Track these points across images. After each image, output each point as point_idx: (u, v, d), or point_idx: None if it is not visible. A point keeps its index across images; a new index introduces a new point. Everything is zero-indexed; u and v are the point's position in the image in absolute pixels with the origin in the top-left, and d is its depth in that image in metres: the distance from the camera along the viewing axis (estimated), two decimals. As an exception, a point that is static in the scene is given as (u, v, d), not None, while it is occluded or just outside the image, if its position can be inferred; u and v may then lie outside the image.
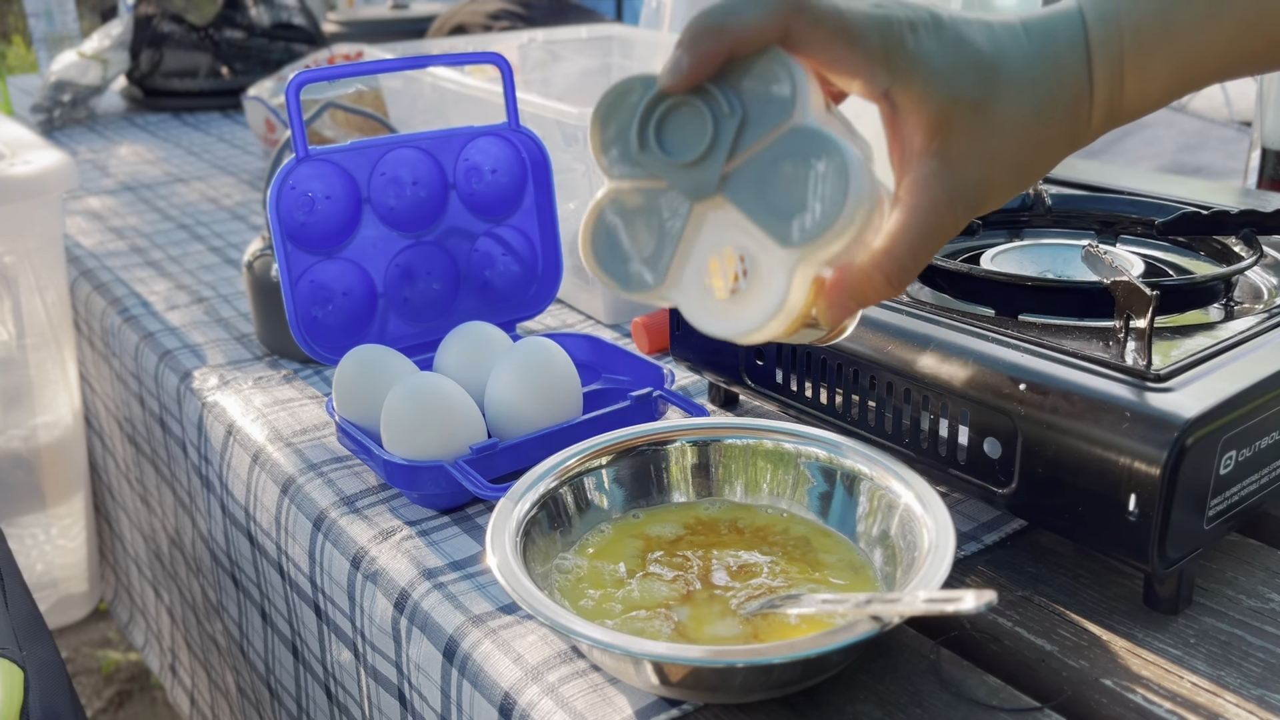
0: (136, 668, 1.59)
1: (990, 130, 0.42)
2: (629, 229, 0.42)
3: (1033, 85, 0.42)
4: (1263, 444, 0.50)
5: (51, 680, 0.63)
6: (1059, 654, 0.48)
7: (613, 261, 0.42)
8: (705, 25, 0.39)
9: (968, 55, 0.41)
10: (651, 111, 0.40)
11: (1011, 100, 0.42)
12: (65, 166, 1.10)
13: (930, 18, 0.41)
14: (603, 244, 0.42)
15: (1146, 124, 1.50)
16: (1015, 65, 0.42)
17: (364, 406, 0.65)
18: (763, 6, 0.39)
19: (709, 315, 0.42)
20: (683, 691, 0.46)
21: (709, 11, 0.39)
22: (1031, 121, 0.42)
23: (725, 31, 0.39)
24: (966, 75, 0.41)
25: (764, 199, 0.40)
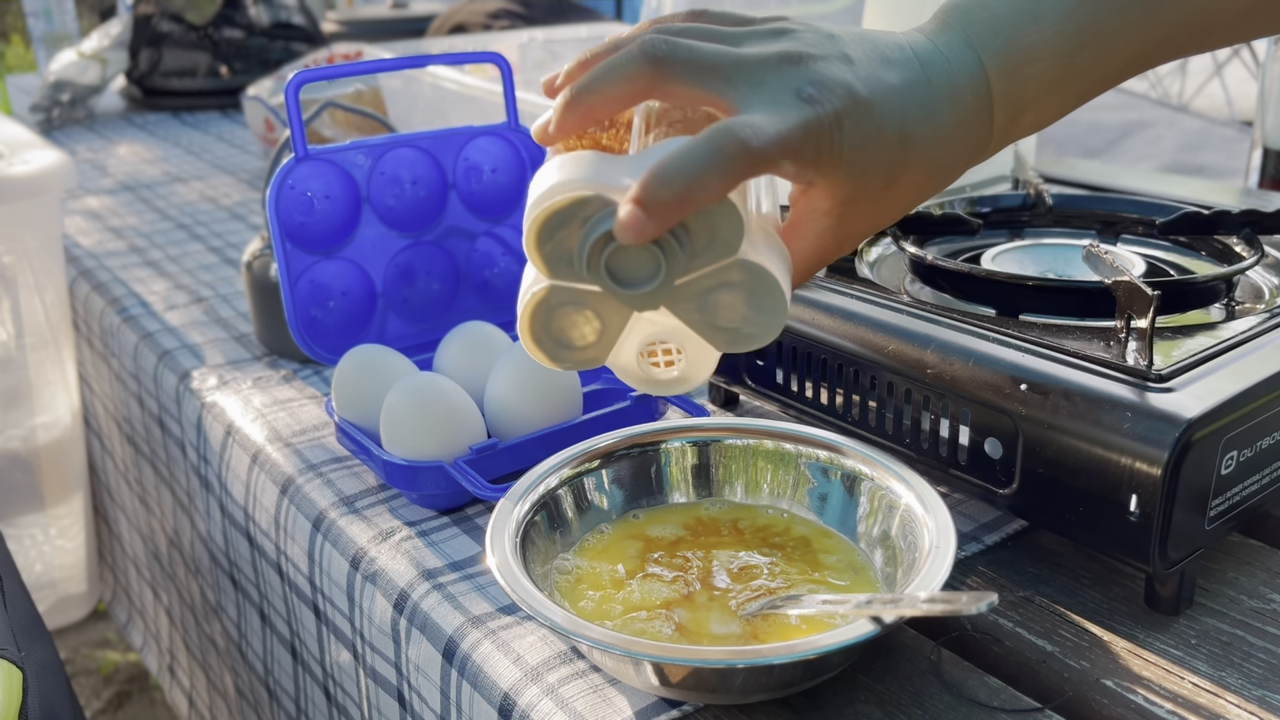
0: (135, 668, 1.59)
1: (890, 200, 0.44)
2: (570, 321, 0.44)
3: (942, 156, 0.44)
4: (1264, 444, 0.49)
5: (50, 681, 0.63)
6: (1060, 655, 0.48)
7: (554, 347, 0.44)
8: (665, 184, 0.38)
9: (886, 142, 0.42)
10: (604, 247, 0.40)
11: (916, 172, 0.44)
12: (64, 166, 1.10)
13: (856, 104, 0.41)
14: (542, 331, 0.44)
15: (1147, 124, 1.51)
16: (925, 136, 0.43)
17: (363, 407, 0.64)
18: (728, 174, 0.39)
19: (643, 384, 0.46)
20: (683, 692, 0.46)
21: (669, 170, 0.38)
22: (930, 183, 0.45)
23: (688, 200, 0.38)
24: (882, 163, 0.43)
25: (704, 316, 0.43)
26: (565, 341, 0.44)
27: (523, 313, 0.43)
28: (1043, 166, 0.83)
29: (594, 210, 0.40)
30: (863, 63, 0.42)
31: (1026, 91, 0.45)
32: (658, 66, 0.41)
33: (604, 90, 0.41)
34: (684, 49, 0.41)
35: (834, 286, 0.60)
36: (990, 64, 0.44)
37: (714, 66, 0.41)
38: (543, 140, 0.43)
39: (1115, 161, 1.44)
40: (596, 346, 0.44)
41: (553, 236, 0.41)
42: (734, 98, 0.41)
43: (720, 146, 0.39)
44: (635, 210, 0.38)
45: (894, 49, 0.44)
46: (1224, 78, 4.19)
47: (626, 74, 0.41)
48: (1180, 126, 1.50)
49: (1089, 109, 0.50)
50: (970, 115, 0.44)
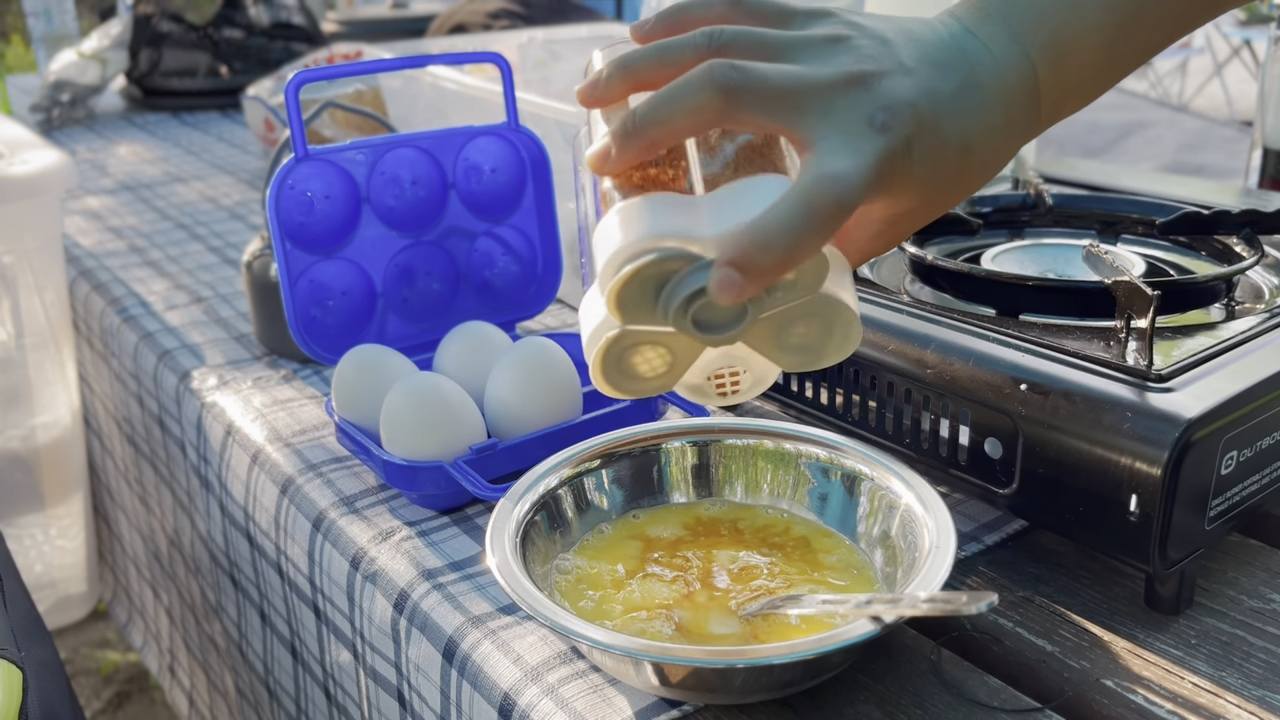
0: (135, 668, 1.59)
1: (945, 203, 0.44)
2: (642, 357, 0.43)
3: (993, 160, 0.44)
4: (1264, 444, 0.49)
5: (50, 681, 0.63)
6: (1060, 655, 0.48)
7: (623, 380, 0.44)
8: (765, 250, 0.38)
9: (948, 156, 0.42)
10: (691, 302, 0.40)
11: (973, 176, 0.44)
12: (64, 166, 1.10)
13: (921, 124, 0.41)
14: (614, 367, 0.43)
15: (1147, 124, 1.51)
16: (982, 143, 0.43)
17: (363, 407, 0.64)
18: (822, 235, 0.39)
19: (706, 400, 0.46)
20: (683, 692, 0.46)
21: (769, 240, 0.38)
22: (982, 180, 0.45)
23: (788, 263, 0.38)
24: (945, 177, 0.43)
25: (779, 345, 0.43)
26: (635, 375, 0.43)
27: (595, 355, 0.42)
28: (1043, 166, 0.83)
29: (678, 267, 0.39)
30: (919, 71, 0.41)
31: (1070, 80, 0.44)
32: (728, 97, 0.39)
33: (671, 122, 0.40)
34: (755, 77, 0.40)
35: (834, 286, 0.60)
36: (1037, 58, 0.43)
37: (784, 95, 0.40)
38: (601, 171, 0.42)
39: (1115, 161, 1.44)
40: (666, 376, 0.44)
41: (633, 294, 0.40)
42: (804, 128, 0.40)
43: (816, 207, 0.38)
44: (735, 275, 0.38)
45: (941, 47, 0.43)
46: (1224, 78, 4.19)
47: (696, 105, 0.40)
48: (1180, 126, 1.50)
49: (1089, 109, 0.50)
50: (1019, 112, 0.44)
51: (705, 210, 0.40)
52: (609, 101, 0.43)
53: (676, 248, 0.39)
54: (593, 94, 0.43)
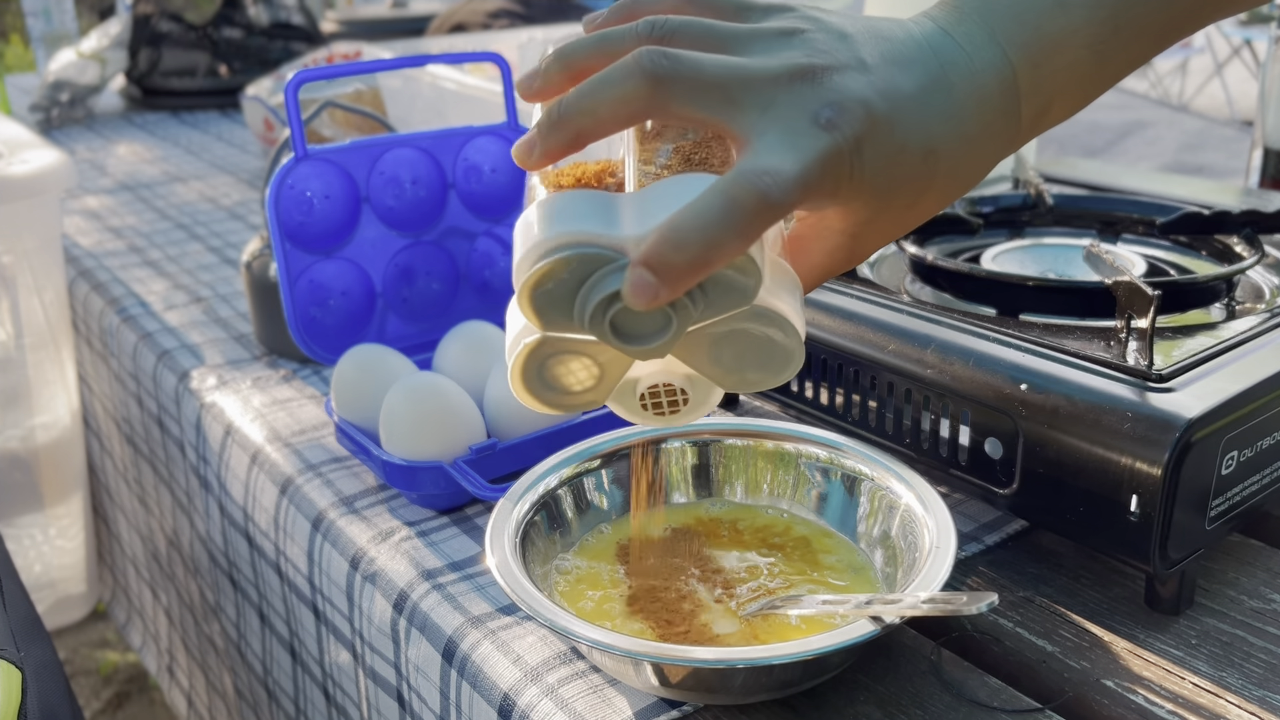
0: (135, 669, 1.59)
1: (911, 216, 0.41)
2: (565, 369, 0.40)
3: (968, 159, 0.40)
4: (1264, 444, 0.49)
5: (49, 681, 0.63)
6: (1060, 655, 0.48)
7: (547, 393, 0.41)
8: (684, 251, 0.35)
9: (908, 161, 0.38)
10: (608, 306, 0.37)
11: (941, 185, 0.40)
12: (63, 166, 1.10)
13: (875, 124, 0.37)
14: (535, 380, 0.40)
15: (1148, 124, 1.50)
16: (950, 148, 0.39)
17: (363, 407, 0.64)
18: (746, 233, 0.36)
19: (643, 420, 0.43)
20: (683, 692, 0.46)
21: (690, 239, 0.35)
22: (955, 191, 0.41)
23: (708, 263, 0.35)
24: (904, 183, 0.39)
25: (714, 361, 0.40)
26: (560, 388, 0.41)
27: (514, 363, 0.40)
28: (1043, 166, 0.83)
29: (594, 267, 0.36)
30: (878, 68, 0.38)
31: (1056, 83, 0.41)
32: (657, 86, 0.36)
33: (596, 112, 0.37)
34: (687, 65, 0.37)
35: (834, 286, 0.60)
36: (1017, 58, 0.40)
37: (720, 86, 0.37)
38: (525, 164, 0.39)
39: (1115, 161, 1.44)
40: (594, 391, 0.41)
41: (548, 294, 0.37)
42: (741, 123, 0.37)
43: (738, 202, 0.35)
44: (647, 276, 0.34)
45: (909, 46, 0.39)
46: (1224, 78, 4.19)
47: (622, 94, 0.37)
48: (1180, 126, 1.50)
49: (1089, 109, 0.50)
50: (997, 116, 0.40)
51: (628, 208, 0.37)
52: (548, 95, 0.40)
53: (593, 246, 0.36)
54: (530, 86, 0.41)
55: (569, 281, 0.37)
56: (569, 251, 0.36)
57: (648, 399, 0.42)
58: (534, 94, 0.41)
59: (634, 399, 0.42)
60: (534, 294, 0.37)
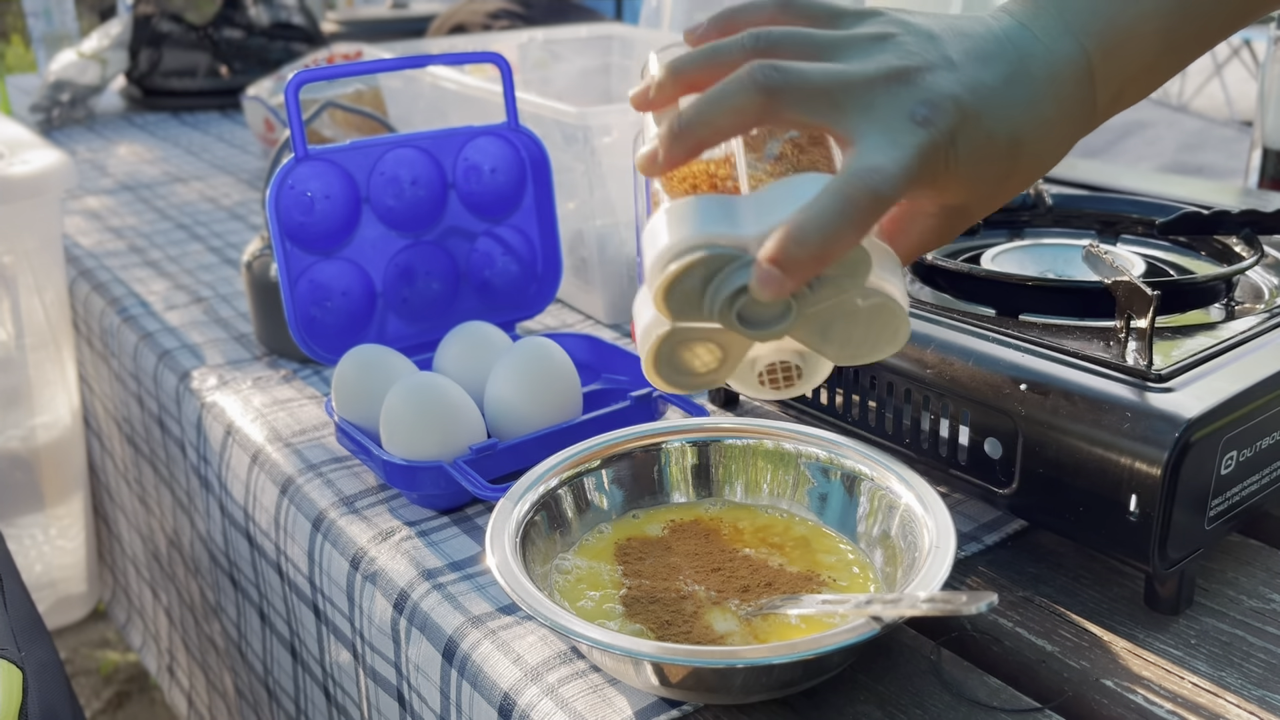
0: (135, 668, 1.59)
1: (998, 197, 0.44)
2: (693, 353, 0.43)
3: (1046, 154, 0.44)
4: (1264, 444, 0.49)
5: (50, 681, 0.63)
6: (1060, 655, 0.48)
7: (676, 376, 0.44)
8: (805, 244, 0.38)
9: (996, 149, 0.42)
10: (735, 299, 0.40)
11: (1025, 169, 0.43)
12: (64, 166, 1.10)
13: (965, 117, 0.40)
14: (666, 363, 0.44)
15: (1148, 124, 1.51)
16: (1032, 135, 0.42)
17: (363, 407, 0.64)
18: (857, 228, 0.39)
19: (759, 393, 0.46)
20: (683, 692, 0.46)
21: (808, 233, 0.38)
22: (1037, 173, 0.44)
23: (824, 258, 0.38)
24: (993, 170, 0.42)
25: (827, 339, 0.43)
26: (687, 370, 0.44)
27: (647, 352, 0.43)
28: (1042, 166, 0.83)
29: (722, 265, 0.40)
30: (964, 65, 0.41)
31: (1129, 69, 0.44)
32: (770, 97, 0.40)
33: (714, 122, 0.40)
34: (795, 76, 0.40)
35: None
36: (1091, 47, 0.43)
37: (825, 93, 0.40)
38: (649, 173, 0.43)
39: (1115, 161, 1.44)
40: (718, 371, 0.44)
41: (680, 291, 0.41)
42: (845, 125, 0.40)
43: (852, 199, 0.38)
44: (774, 271, 0.38)
45: (990, 41, 0.42)
46: (1224, 78, 4.19)
47: (737, 105, 0.40)
48: (1180, 126, 1.50)
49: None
50: (1074, 104, 0.43)
51: (748, 209, 0.41)
52: (661, 105, 0.44)
53: (721, 246, 0.40)
54: (645, 98, 0.44)
55: (699, 279, 0.40)
56: (699, 253, 0.40)
57: (764, 375, 0.45)
58: (648, 105, 0.44)
59: (752, 376, 0.46)
60: (669, 292, 0.40)
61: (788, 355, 0.45)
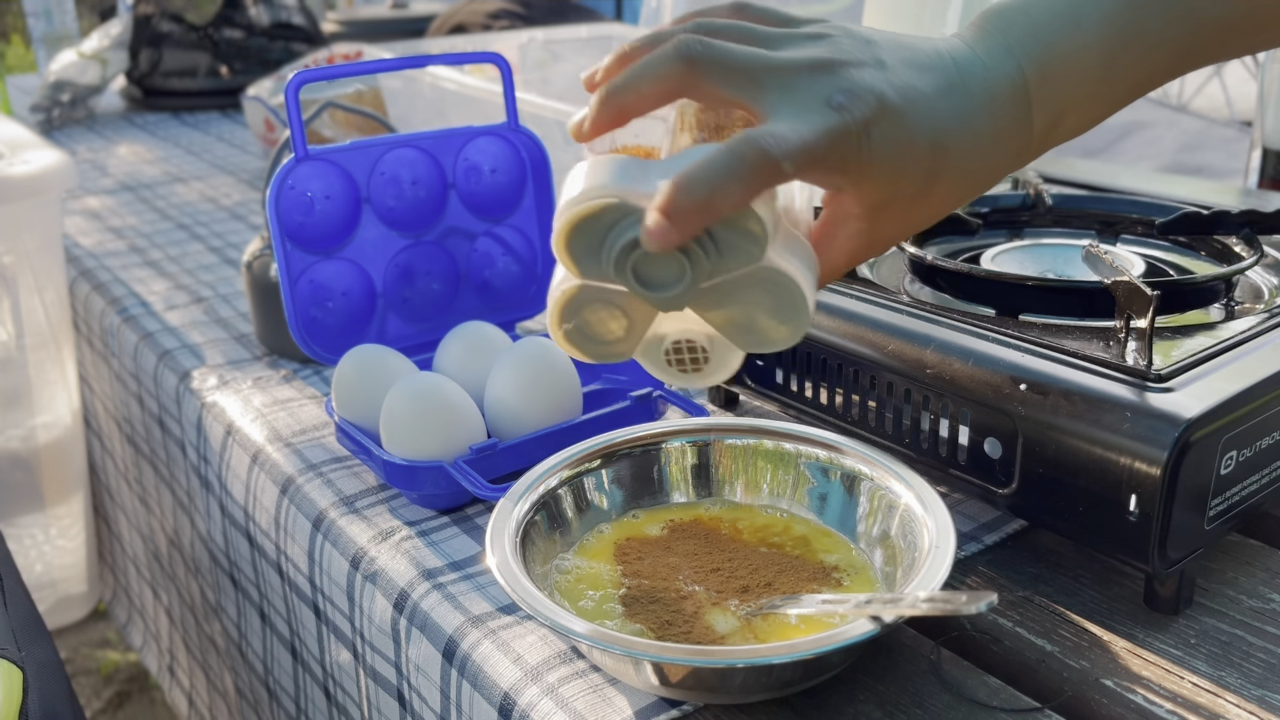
0: (135, 668, 1.59)
1: (923, 208, 0.44)
2: (597, 317, 0.44)
3: (977, 165, 0.44)
4: (1263, 444, 0.49)
5: (50, 681, 0.63)
6: (1059, 654, 0.48)
7: (581, 340, 0.45)
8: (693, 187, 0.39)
9: (917, 150, 0.42)
10: (629, 252, 0.41)
11: (950, 179, 0.43)
12: (64, 166, 1.10)
13: (878, 111, 0.41)
14: (570, 323, 0.44)
15: (1147, 124, 1.51)
16: (960, 144, 0.43)
17: (363, 406, 0.64)
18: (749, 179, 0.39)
19: (669, 379, 0.47)
20: (683, 692, 0.46)
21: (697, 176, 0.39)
22: (966, 189, 0.45)
23: (713, 205, 0.39)
24: (912, 171, 0.42)
25: (728, 318, 0.43)
26: (593, 336, 0.45)
27: (552, 308, 0.44)
28: (1042, 166, 0.83)
29: (621, 216, 0.41)
30: (896, 69, 0.42)
31: (1067, 96, 0.44)
32: (690, 66, 0.41)
33: (638, 88, 0.42)
34: (718, 50, 0.41)
35: (834, 286, 0.60)
36: (1030, 69, 0.43)
37: (745, 70, 0.41)
38: (578, 137, 0.44)
39: (1115, 161, 1.44)
40: (623, 342, 0.45)
41: (581, 239, 0.41)
42: (763, 103, 0.41)
43: (741, 155, 0.39)
44: (659, 218, 0.39)
45: (930, 55, 0.43)
46: (1224, 78, 4.19)
47: (660, 73, 0.41)
48: (1180, 126, 1.50)
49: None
50: (1009, 123, 0.44)
51: (658, 170, 0.42)
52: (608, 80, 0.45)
53: (619, 199, 0.41)
54: (592, 80, 0.46)
55: (598, 229, 0.41)
56: (599, 201, 0.41)
57: (672, 355, 0.46)
58: (593, 85, 0.45)
59: (659, 355, 0.46)
60: (569, 238, 0.41)
61: (694, 335, 0.45)
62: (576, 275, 0.43)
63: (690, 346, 0.46)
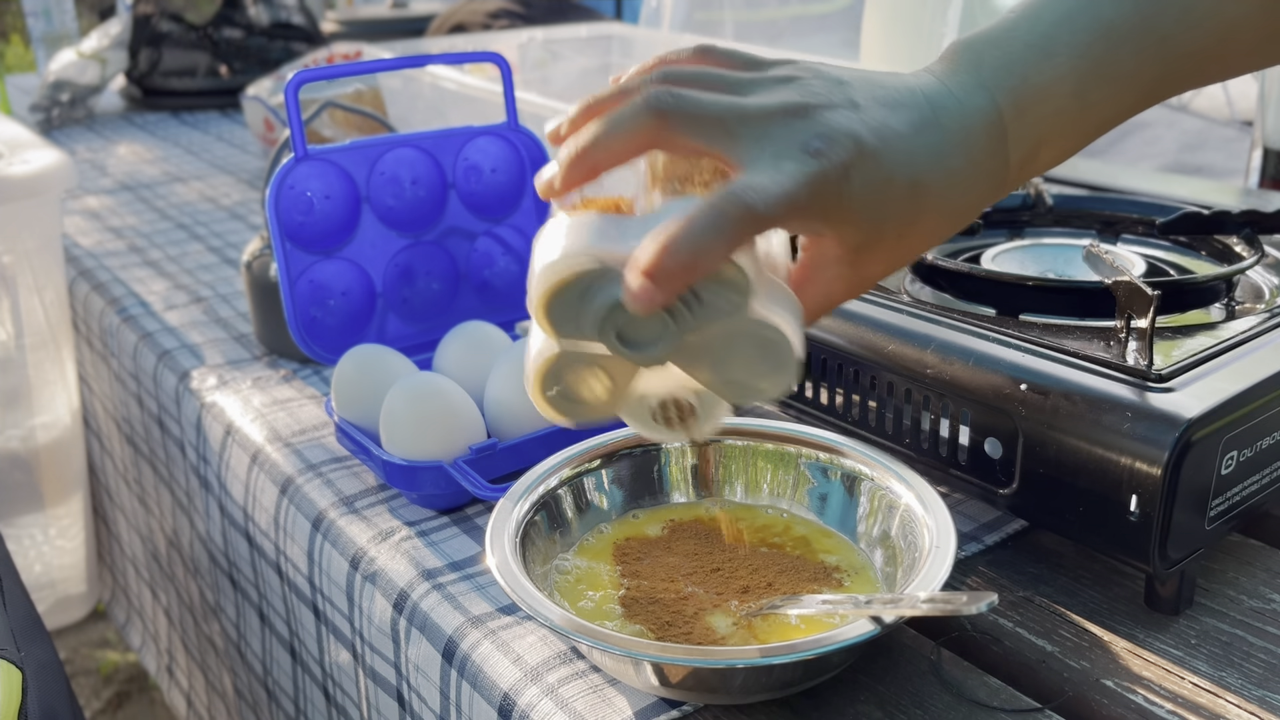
0: (135, 669, 1.59)
1: (904, 246, 0.43)
2: (579, 379, 0.44)
3: (956, 203, 0.43)
4: (1264, 444, 0.49)
5: (50, 681, 0.63)
6: (1060, 655, 0.48)
7: (562, 404, 0.44)
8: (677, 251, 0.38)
9: (896, 191, 0.41)
10: (610, 313, 0.40)
11: (931, 218, 0.43)
12: (64, 166, 1.10)
13: (863, 154, 0.40)
14: (551, 388, 0.44)
15: (1147, 124, 1.51)
16: (937, 182, 0.42)
17: (363, 406, 0.64)
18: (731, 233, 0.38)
19: (657, 434, 0.46)
20: (682, 692, 0.46)
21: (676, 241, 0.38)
22: (946, 226, 0.44)
23: (696, 267, 0.38)
24: (893, 213, 0.42)
25: (715, 372, 0.42)
26: (576, 399, 0.44)
27: (533, 376, 0.43)
28: (1043, 166, 0.83)
29: (600, 278, 0.40)
30: (870, 108, 0.41)
31: (1042, 129, 0.44)
32: (662, 120, 0.40)
33: (608, 145, 0.41)
34: (689, 102, 0.40)
35: (834, 286, 0.60)
36: (1004, 103, 0.43)
37: (718, 120, 0.40)
38: (548, 195, 0.43)
39: (1115, 161, 1.44)
40: (608, 403, 0.44)
41: (560, 304, 0.41)
42: (738, 153, 0.40)
43: (724, 212, 0.38)
44: (643, 281, 0.38)
45: (903, 92, 0.43)
46: (1224, 78, 4.19)
47: (630, 129, 0.40)
48: (1180, 126, 1.50)
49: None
50: (985, 157, 0.43)
51: (635, 228, 0.41)
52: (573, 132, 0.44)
53: (598, 260, 0.40)
54: (557, 134, 0.44)
55: (578, 292, 0.40)
56: (578, 265, 0.40)
57: (659, 414, 0.45)
58: (558, 139, 0.44)
59: (646, 414, 0.45)
60: (549, 305, 0.40)
61: (681, 392, 0.44)
62: (555, 339, 0.42)
63: (677, 403, 0.45)
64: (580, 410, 0.44)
